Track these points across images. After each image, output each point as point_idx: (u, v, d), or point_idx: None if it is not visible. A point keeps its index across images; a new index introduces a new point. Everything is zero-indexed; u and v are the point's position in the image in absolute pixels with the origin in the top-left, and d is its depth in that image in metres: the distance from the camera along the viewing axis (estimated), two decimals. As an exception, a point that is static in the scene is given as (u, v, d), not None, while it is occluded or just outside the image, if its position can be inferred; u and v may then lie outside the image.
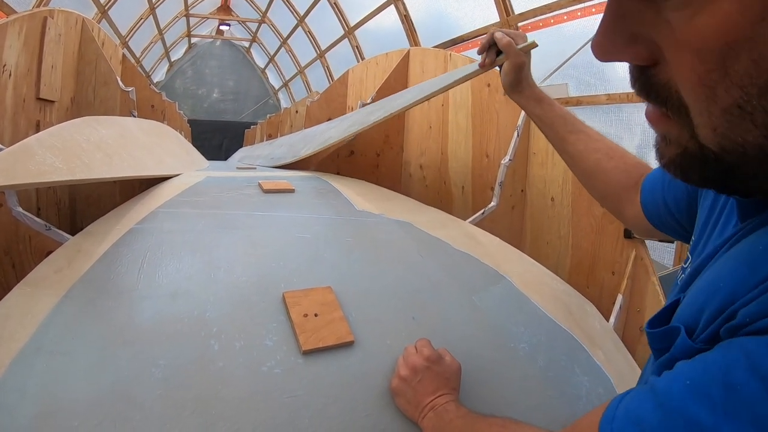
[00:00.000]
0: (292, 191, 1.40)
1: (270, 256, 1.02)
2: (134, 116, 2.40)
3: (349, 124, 1.88)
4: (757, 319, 0.32)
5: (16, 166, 0.92)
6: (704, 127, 0.30)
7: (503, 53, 0.93)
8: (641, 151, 3.41)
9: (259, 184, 1.45)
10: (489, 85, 1.92)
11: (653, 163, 0.50)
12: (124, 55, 3.09)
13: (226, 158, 4.42)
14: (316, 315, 0.83)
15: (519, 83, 0.92)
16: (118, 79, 2.38)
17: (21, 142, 1.03)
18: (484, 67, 0.99)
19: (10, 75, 1.74)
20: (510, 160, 1.64)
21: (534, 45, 0.93)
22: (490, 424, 0.59)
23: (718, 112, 0.29)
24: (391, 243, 1.15)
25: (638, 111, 3.41)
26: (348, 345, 0.81)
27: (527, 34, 0.96)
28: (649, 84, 0.33)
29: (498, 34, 0.93)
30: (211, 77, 11.38)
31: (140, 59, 8.21)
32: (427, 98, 1.43)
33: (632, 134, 3.48)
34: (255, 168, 2.35)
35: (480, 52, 0.99)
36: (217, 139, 8.04)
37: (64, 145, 1.19)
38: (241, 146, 5.58)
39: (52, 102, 2.12)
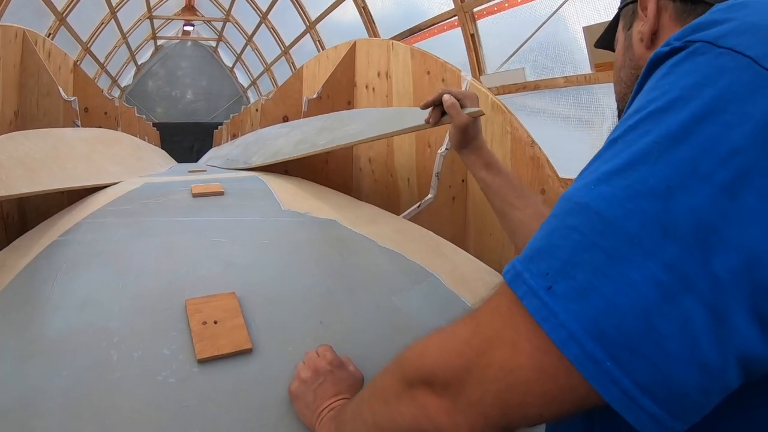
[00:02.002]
0: (221, 194, 1.39)
1: (180, 263, 1.00)
2: (77, 126, 2.36)
3: (299, 140, 1.87)
4: None
5: None
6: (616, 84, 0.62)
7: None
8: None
9: (191, 188, 1.44)
10: (429, 73, 1.92)
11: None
12: (75, 64, 3.03)
13: (197, 160, 4.37)
14: (215, 322, 0.83)
15: (465, 144, 0.91)
16: (60, 89, 2.34)
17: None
18: (428, 123, 0.99)
19: (-63, 92, 1.70)
20: (446, 149, 1.63)
21: (481, 113, 0.92)
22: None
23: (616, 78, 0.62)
24: (311, 243, 1.14)
25: (596, 92, 3.41)
26: (246, 353, 0.79)
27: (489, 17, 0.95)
28: None
29: (445, 96, 0.92)
30: (184, 78, 11.21)
31: (105, 64, 8.07)
32: (375, 139, 1.46)
33: (603, 117, 3.43)
34: (206, 170, 2.33)
35: (424, 107, 0.97)
36: (187, 141, 7.96)
37: (-21, 163, 1.18)
38: (212, 147, 5.53)
39: (-9, 117, 2.08)
